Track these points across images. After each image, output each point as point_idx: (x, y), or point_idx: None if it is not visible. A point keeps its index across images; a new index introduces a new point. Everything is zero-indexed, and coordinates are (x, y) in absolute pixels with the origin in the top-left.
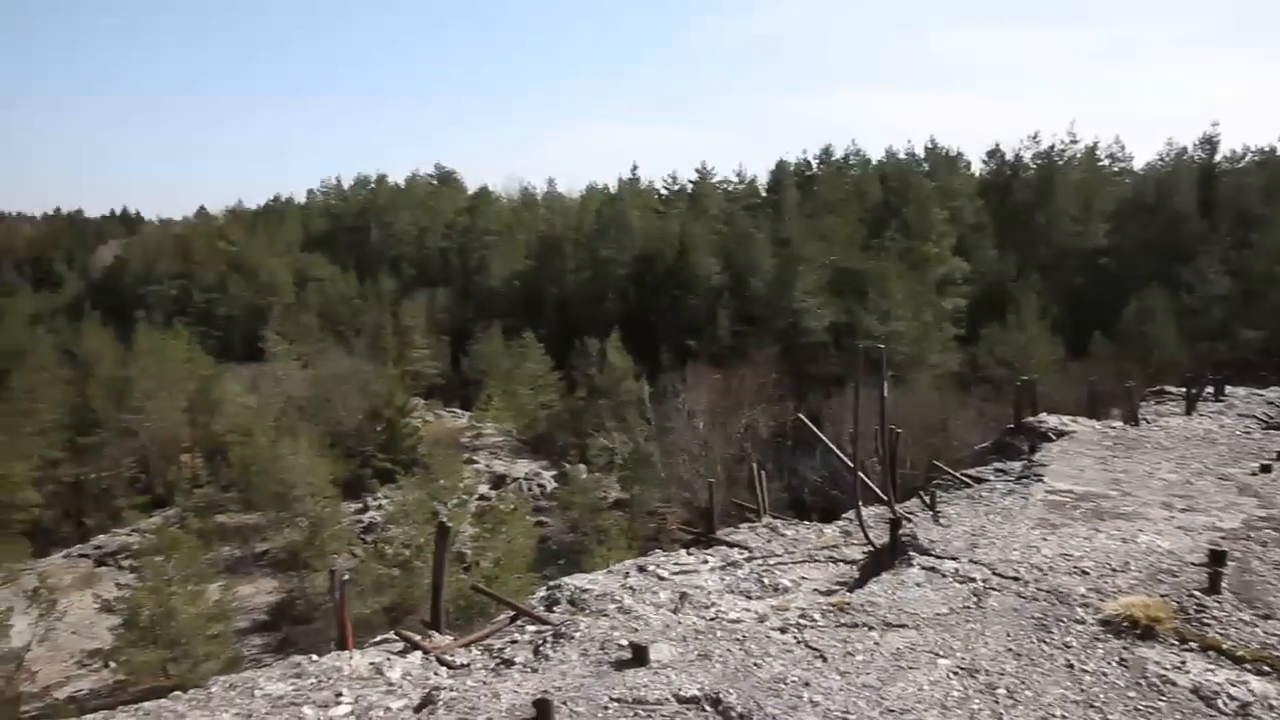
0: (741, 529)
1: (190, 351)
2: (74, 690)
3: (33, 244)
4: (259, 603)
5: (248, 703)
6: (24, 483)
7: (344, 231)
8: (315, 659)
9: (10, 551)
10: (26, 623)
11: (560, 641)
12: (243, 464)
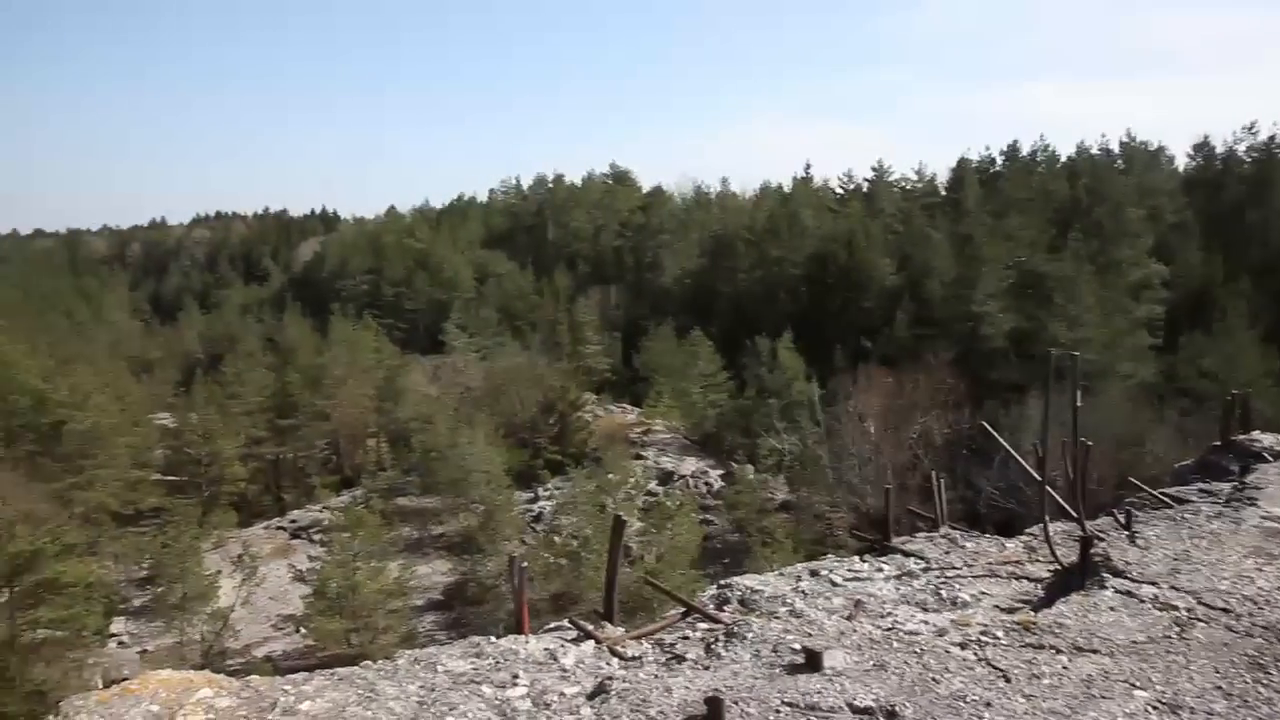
0: (918, 538)
1: (378, 342)
2: (269, 650)
3: (245, 240)
4: (434, 583)
5: (431, 677)
6: (233, 459)
7: (522, 229)
8: (493, 641)
9: (220, 521)
10: (232, 585)
11: (732, 641)
12: (423, 450)
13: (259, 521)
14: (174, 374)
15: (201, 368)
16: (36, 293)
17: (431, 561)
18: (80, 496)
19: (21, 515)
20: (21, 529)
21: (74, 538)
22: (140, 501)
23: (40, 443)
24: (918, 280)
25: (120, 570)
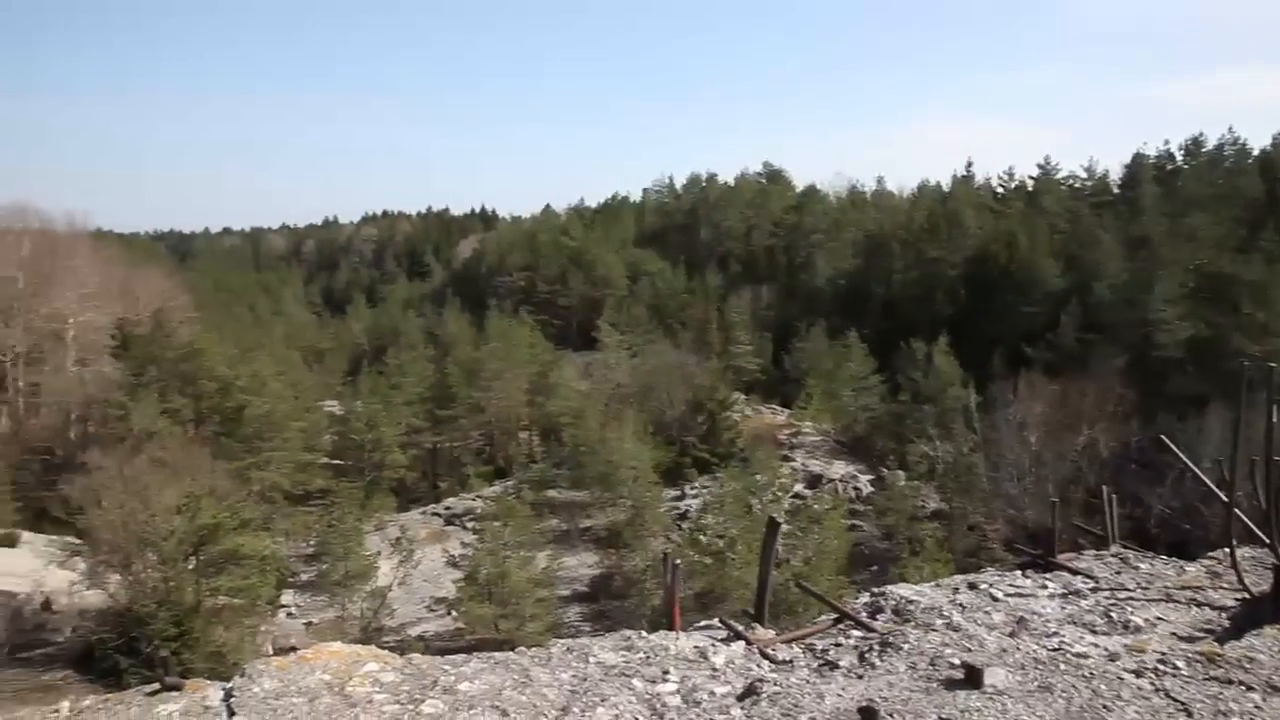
0: (1084, 556)
1: (533, 338)
2: (422, 630)
3: (409, 238)
4: (580, 574)
5: (583, 667)
6: (394, 446)
7: (675, 229)
8: (644, 635)
9: (381, 504)
10: (390, 566)
11: (887, 651)
12: (574, 444)
13: (416, 507)
14: (342, 364)
15: (367, 359)
16: (223, 286)
17: (578, 554)
18: (257, 476)
19: (207, 490)
20: (207, 503)
21: (251, 514)
22: (309, 483)
23: (224, 425)
24: (1085, 283)
25: (290, 546)
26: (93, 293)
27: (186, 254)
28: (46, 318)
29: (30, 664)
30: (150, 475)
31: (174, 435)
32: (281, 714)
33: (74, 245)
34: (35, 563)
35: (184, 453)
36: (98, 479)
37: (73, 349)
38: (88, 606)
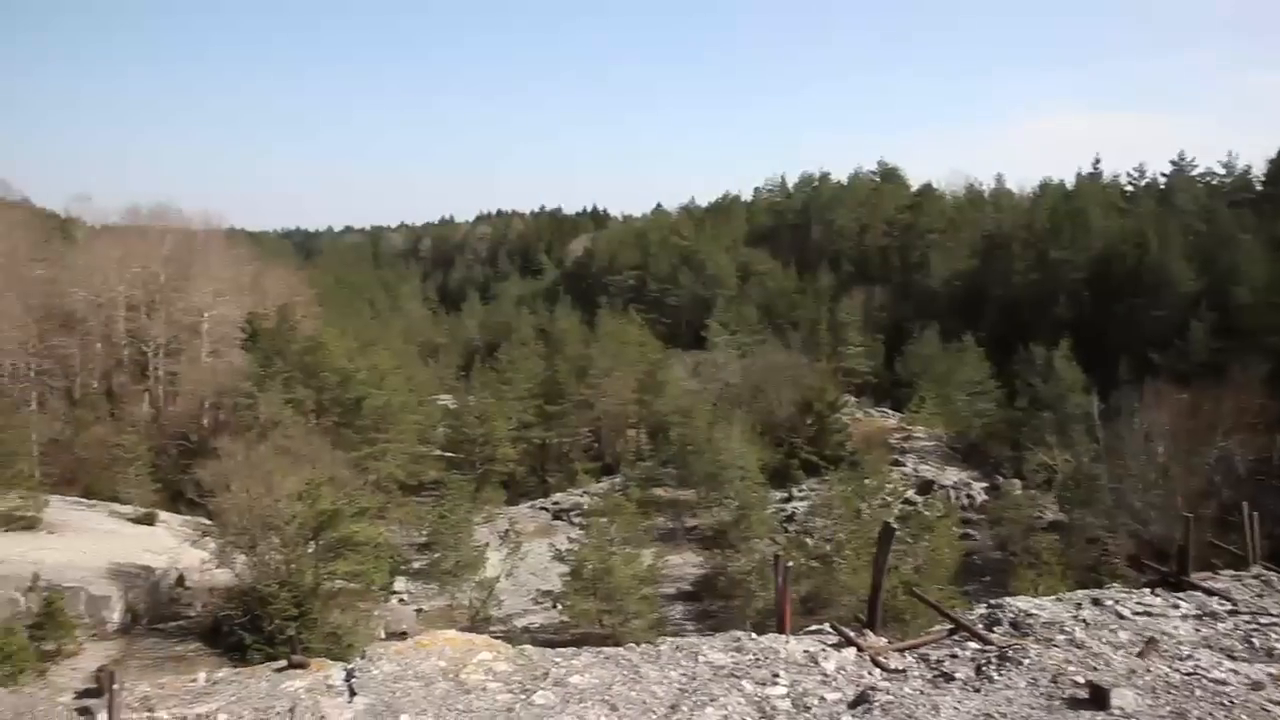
0: (1222, 576)
1: (642, 336)
2: (528, 622)
3: (522, 237)
4: (684, 573)
5: (692, 666)
6: (504, 440)
7: (786, 228)
8: (754, 637)
9: (491, 497)
10: (498, 558)
11: (1006, 665)
12: (681, 443)
13: (525, 501)
14: (456, 359)
15: (480, 354)
16: (345, 282)
17: (683, 552)
18: (374, 465)
19: (327, 478)
20: (327, 490)
21: (367, 502)
22: (423, 474)
23: (344, 416)
24: (1221, 286)
25: (403, 534)
26: (225, 288)
27: (311, 251)
28: (184, 311)
29: (165, 635)
30: (275, 462)
31: (297, 424)
32: (399, 696)
33: (209, 243)
34: (171, 541)
35: (306, 441)
36: (227, 464)
37: (207, 341)
38: (217, 584)
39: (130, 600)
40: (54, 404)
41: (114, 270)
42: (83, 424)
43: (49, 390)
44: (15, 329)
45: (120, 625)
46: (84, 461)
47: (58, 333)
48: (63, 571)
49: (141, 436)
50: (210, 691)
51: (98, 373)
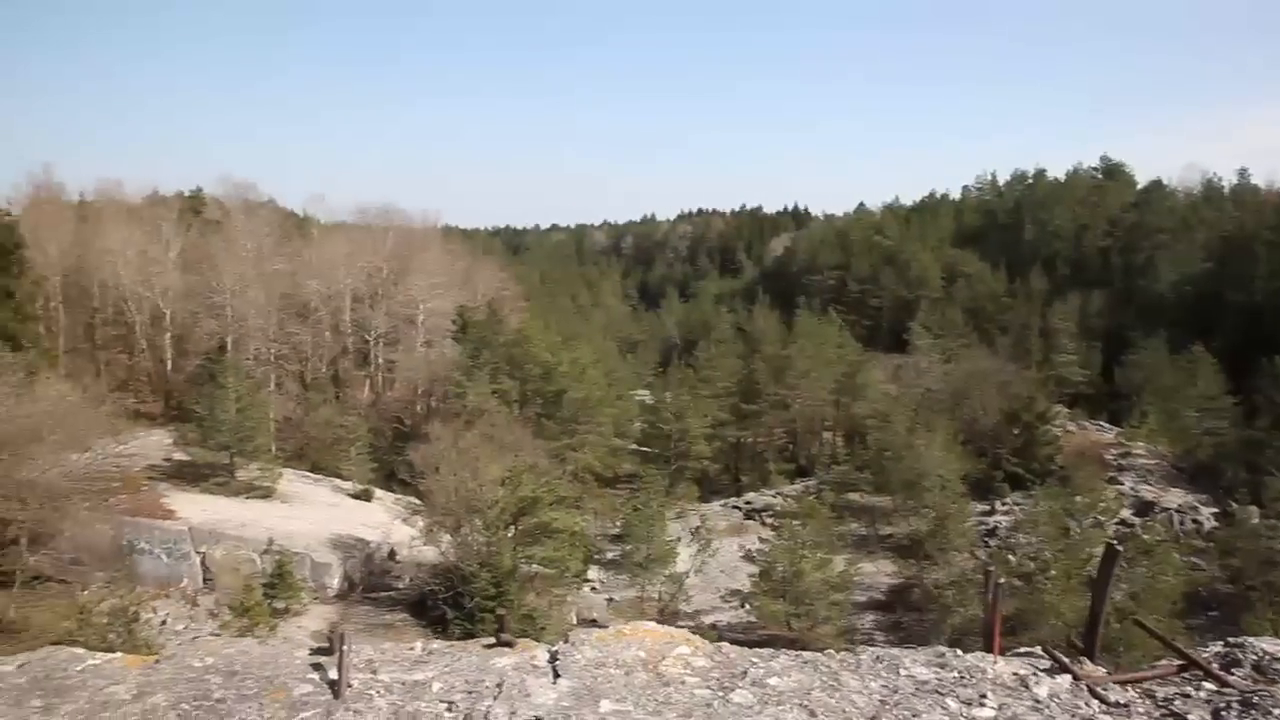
0: None
1: (841, 338)
2: (716, 619)
3: (722, 235)
4: (877, 582)
5: (893, 678)
6: (699, 437)
7: (996, 228)
8: (959, 654)
9: (684, 493)
10: (689, 554)
11: (1250, 713)
12: (878, 448)
13: (717, 498)
14: (654, 355)
15: (677, 351)
16: (550, 278)
17: (876, 560)
18: (572, 456)
19: (528, 466)
20: (528, 478)
21: (565, 491)
22: (618, 467)
23: (546, 407)
24: None
25: (598, 525)
26: (440, 282)
27: (519, 248)
28: (402, 303)
29: (376, 603)
30: (480, 449)
31: (502, 413)
32: (600, 682)
33: (427, 239)
34: (385, 517)
35: (509, 430)
36: (437, 448)
37: (422, 331)
38: (424, 560)
39: (348, 569)
40: (289, 386)
41: (343, 265)
42: (312, 405)
43: (285, 373)
44: (260, 318)
45: (338, 591)
46: (312, 439)
47: (294, 322)
48: (293, 538)
49: (362, 419)
50: (426, 660)
51: (326, 359)
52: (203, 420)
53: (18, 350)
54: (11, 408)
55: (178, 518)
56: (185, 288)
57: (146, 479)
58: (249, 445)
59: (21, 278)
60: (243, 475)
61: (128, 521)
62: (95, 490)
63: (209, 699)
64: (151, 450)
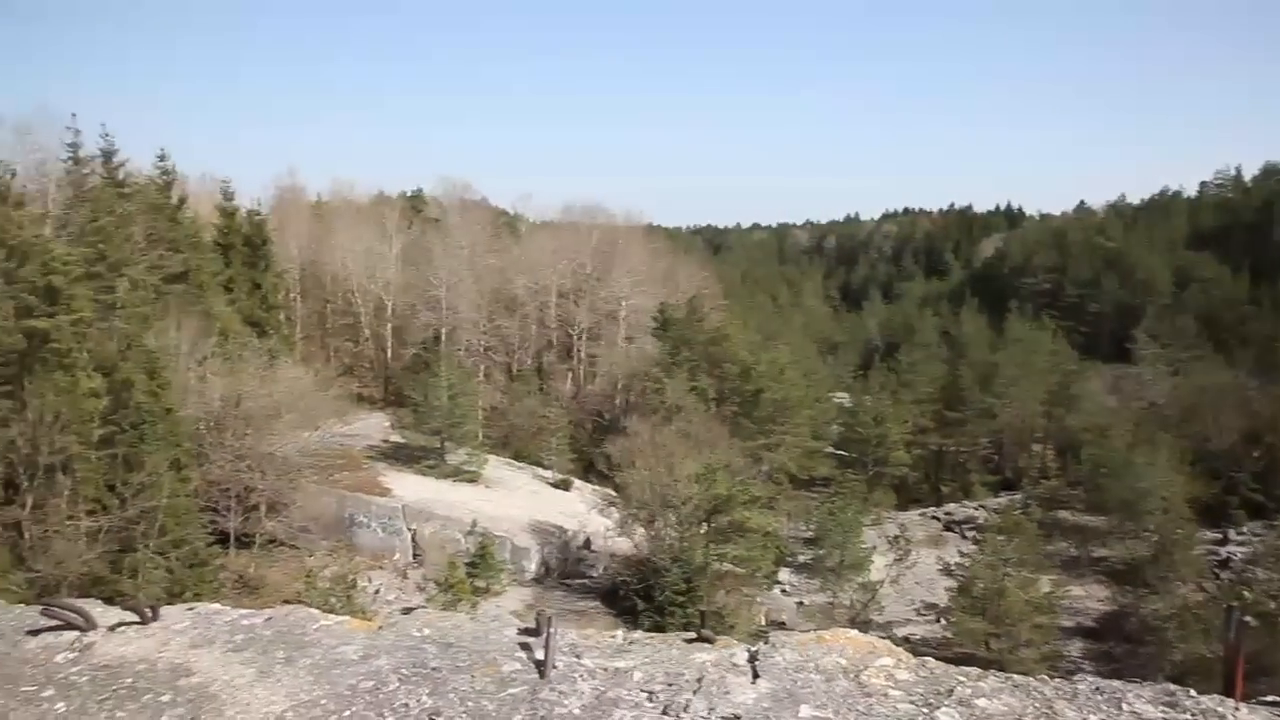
0: None
1: (1055, 345)
2: (909, 632)
3: (929, 235)
4: (1086, 608)
5: (1115, 713)
6: (899, 444)
7: (1240, 228)
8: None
9: (880, 500)
10: (884, 563)
11: None
12: (1093, 464)
13: (915, 507)
14: (854, 358)
15: (879, 354)
16: (750, 278)
17: (1087, 584)
18: (768, 456)
19: (723, 464)
20: (722, 476)
21: (759, 491)
22: (814, 469)
23: (742, 406)
24: None
25: (790, 527)
26: (642, 279)
27: (720, 246)
28: (605, 299)
29: (570, 589)
30: (676, 445)
31: (699, 411)
32: (800, 687)
33: (630, 237)
34: (582, 506)
35: (706, 428)
36: (634, 443)
37: (623, 327)
38: (617, 551)
39: (545, 554)
40: (496, 376)
41: (549, 261)
42: (517, 395)
43: (493, 364)
44: (471, 311)
45: (535, 575)
46: (516, 428)
47: (502, 315)
48: (495, 522)
49: (564, 410)
50: (627, 649)
51: (532, 351)
52: (418, 406)
53: (262, 336)
54: (256, 388)
55: (393, 495)
56: (405, 281)
57: (367, 458)
58: (459, 431)
59: (267, 271)
60: (452, 459)
61: (349, 496)
62: (323, 466)
63: (426, 667)
64: (372, 432)
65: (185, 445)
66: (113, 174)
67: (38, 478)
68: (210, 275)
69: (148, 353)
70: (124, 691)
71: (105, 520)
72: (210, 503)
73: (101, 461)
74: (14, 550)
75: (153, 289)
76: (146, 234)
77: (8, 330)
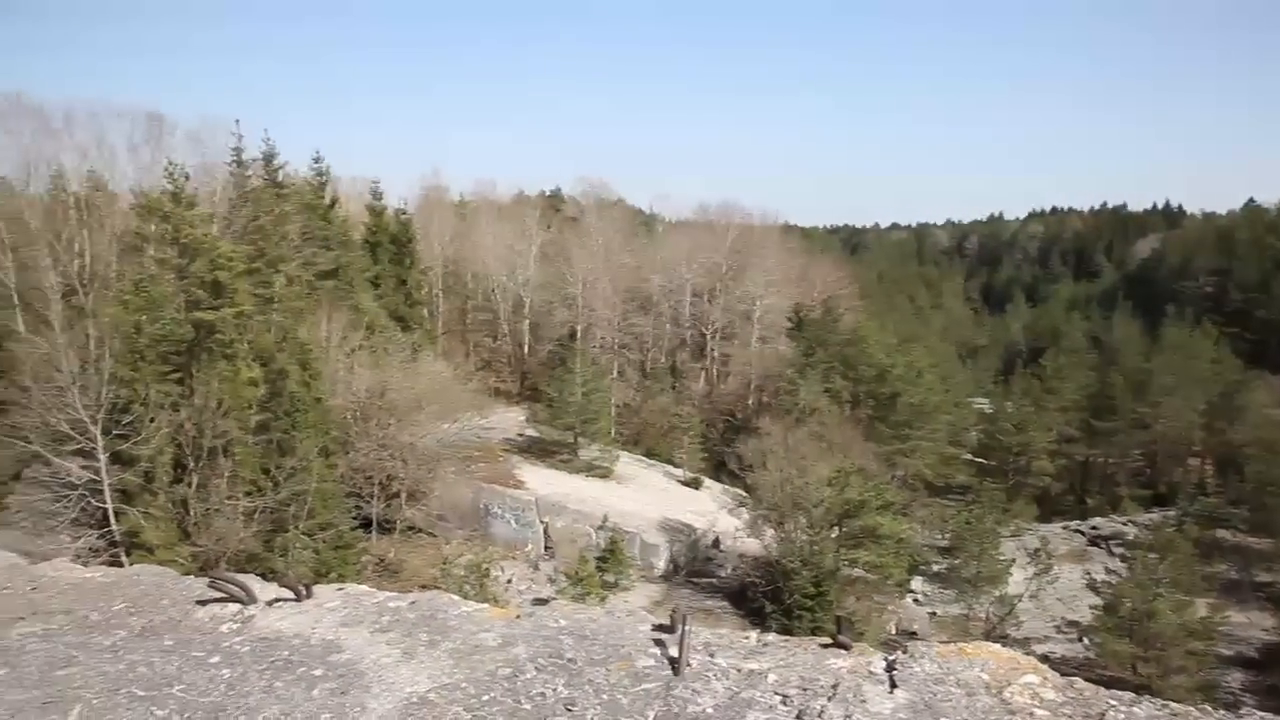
0: None
1: (1218, 352)
2: (1048, 650)
3: (1078, 236)
4: (1248, 636)
5: None
6: (1042, 453)
7: None
8: None
9: (1021, 511)
10: (1023, 576)
11: None
12: (1259, 481)
13: (1058, 520)
14: (995, 362)
15: (1022, 359)
16: (888, 278)
17: (1249, 610)
18: (902, 462)
19: (856, 468)
20: (855, 480)
21: (893, 496)
22: (951, 476)
23: (877, 409)
24: None
25: (925, 535)
26: (776, 279)
27: (857, 246)
28: (739, 299)
29: (697, 588)
30: (809, 447)
31: (833, 413)
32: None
33: (766, 237)
34: (711, 505)
35: (839, 430)
36: (766, 443)
37: (757, 327)
38: (746, 551)
39: (674, 552)
40: (629, 374)
41: (684, 260)
42: (650, 393)
43: (627, 362)
44: (606, 308)
45: (663, 572)
46: (648, 425)
47: (637, 313)
48: (625, 518)
49: (695, 409)
50: (761, 651)
51: (665, 349)
52: (552, 401)
53: (406, 331)
54: (400, 380)
55: (527, 488)
56: (543, 279)
57: (503, 451)
58: (592, 427)
59: (412, 268)
60: (584, 454)
61: (485, 488)
62: (460, 457)
63: (562, 657)
64: (508, 425)
65: (333, 433)
66: (272, 175)
67: (202, 459)
68: (359, 272)
69: (301, 344)
70: (280, 663)
71: (260, 501)
72: (355, 489)
73: (258, 446)
74: (180, 525)
75: (306, 284)
76: (301, 232)
77: (179, 321)
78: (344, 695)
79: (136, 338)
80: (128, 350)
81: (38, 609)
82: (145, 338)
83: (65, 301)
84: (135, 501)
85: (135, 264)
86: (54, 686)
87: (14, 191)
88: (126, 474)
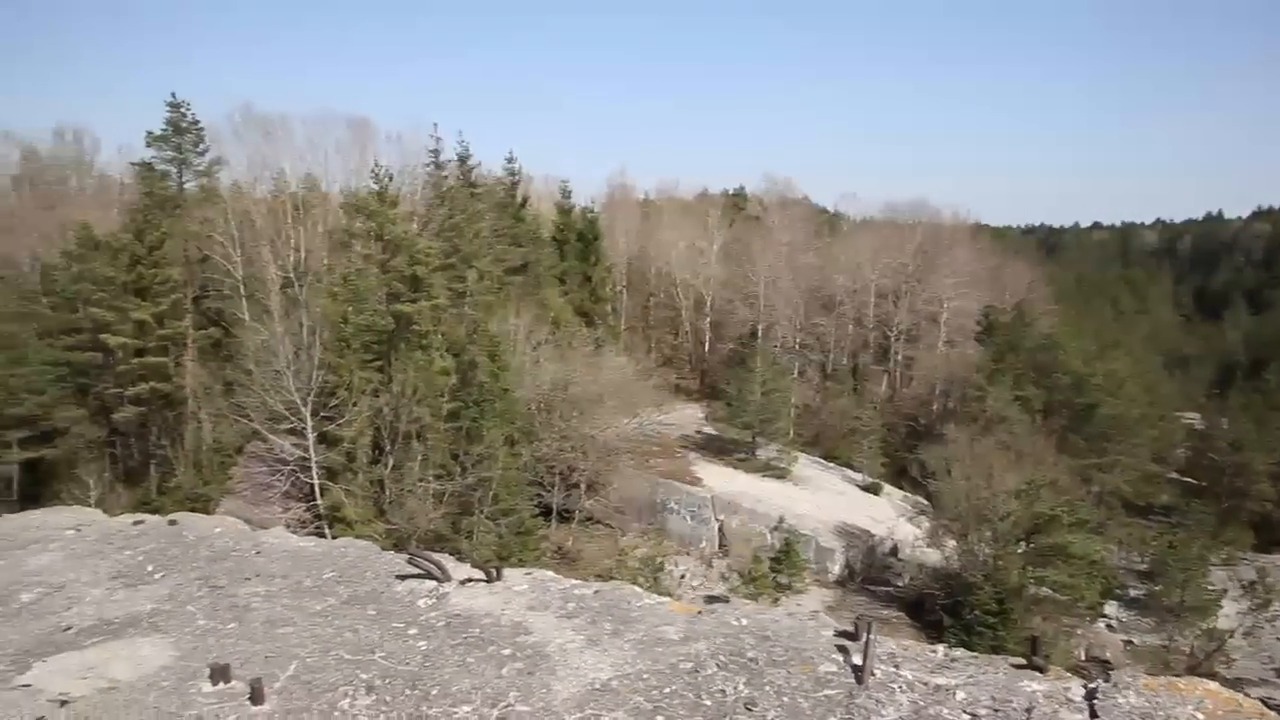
0: None
1: None
2: (1266, 694)
3: None
4: None
5: None
6: (1263, 475)
7: None
8: None
9: (1235, 537)
10: (1235, 610)
11: None
12: None
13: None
14: (1209, 374)
15: (1241, 371)
16: (1087, 281)
17: None
18: (1098, 477)
19: (1048, 481)
20: (1046, 493)
21: (1087, 514)
22: (1153, 496)
23: (1072, 420)
24: None
25: (1122, 556)
26: (965, 281)
27: (1054, 247)
28: (926, 300)
29: (873, 596)
30: (996, 456)
31: (1023, 422)
32: None
33: (955, 237)
34: (890, 512)
35: (1030, 441)
36: (950, 451)
37: (944, 330)
38: (925, 561)
39: (850, 557)
40: (810, 374)
41: (869, 260)
42: (830, 395)
43: (808, 362)
44: (788, 307)
45: (838, 577)
46: (828, 427)
47: (819, 313)
48: (801, 520)
49: (877, 413)
50: (949, 666)
51: (847, 351)
52: (731, 399)
53: (590, 326)
54: (583, 374)
55: (703, 485)
56: (725, 277)
57: (681, 447)
58: (770, 427)
59: (597, 265)
60: (762, 454)
61: (662, 483)
62: (639, 451)
63: (743, 656)
64: (686, 422)
65: (518, 423)
66: (467, 176)
67: (398, 442)
68: (547, 268)
69: (490, 337)
70: (472, 640)
71: (449, 485)
72: (537, 477)
73: (448, 432)
74: (377, 503)
75: (496, 280)
76: (493, 229)
77: (381, 313)
78: (530, 676)
79: (343, 327)
80: (335, 339)
81: (260, 571)
82: (351, 327)
83: (282, 293)
84: (338, 479)
85: (343, 259)
86: (275, 643)
87: (243, 192)
88: (331, 453)
